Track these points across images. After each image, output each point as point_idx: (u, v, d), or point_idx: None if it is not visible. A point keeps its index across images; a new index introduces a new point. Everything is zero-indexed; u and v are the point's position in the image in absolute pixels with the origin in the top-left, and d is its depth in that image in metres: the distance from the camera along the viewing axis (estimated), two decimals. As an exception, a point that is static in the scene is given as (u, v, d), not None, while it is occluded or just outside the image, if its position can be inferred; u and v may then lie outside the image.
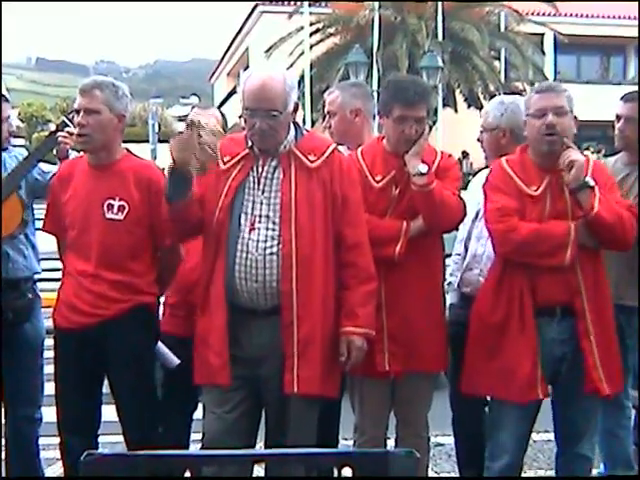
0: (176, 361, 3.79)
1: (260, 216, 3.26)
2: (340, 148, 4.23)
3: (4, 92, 4.03)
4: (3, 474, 4.10)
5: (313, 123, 23.41)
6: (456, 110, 25.21)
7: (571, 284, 3.41)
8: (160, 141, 21.55)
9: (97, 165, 3.66)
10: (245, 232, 3.25)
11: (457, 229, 3.94)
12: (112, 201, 3.59)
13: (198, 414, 3.84)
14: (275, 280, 3.21)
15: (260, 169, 3.30)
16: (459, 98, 25.36)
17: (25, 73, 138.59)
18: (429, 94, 3.80)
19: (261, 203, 3.27)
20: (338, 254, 3.32)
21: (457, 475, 4.31)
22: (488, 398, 3.83)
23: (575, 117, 3.50)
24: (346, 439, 4.20)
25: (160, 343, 3.77)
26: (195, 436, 4.05)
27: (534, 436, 3.86)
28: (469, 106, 25.36)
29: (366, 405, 3.74)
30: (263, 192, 3.28)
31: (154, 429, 3.74)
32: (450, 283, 4.09)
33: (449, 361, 3.78)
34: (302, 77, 23.61)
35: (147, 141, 23.06)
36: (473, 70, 23.86)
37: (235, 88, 37.69)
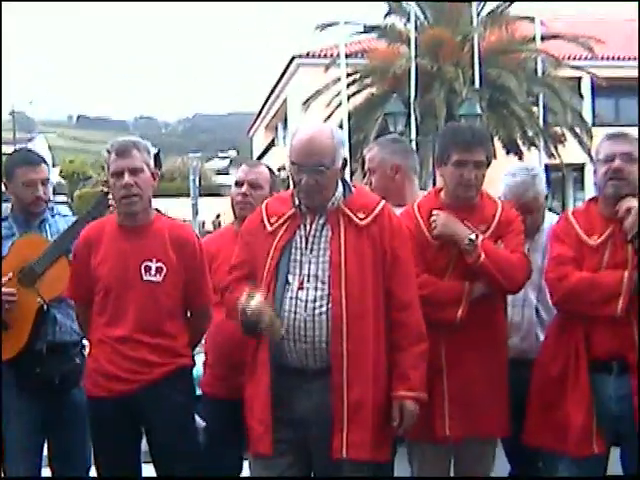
0: (201, 424, 3.73)
1: (308, 275, 3.20)
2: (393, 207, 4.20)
3: (46, 151, 4.05)
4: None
5: (352, 174, 23.45)
6: (495, 157, 25.03)
7: (625, 337, 3.31)
8: (200, 195, 21.68)
9: (131, 226, 3.59)
10: (293, 292, 3.18)
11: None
12: (149, 263, 3.54)
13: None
14: (325, 341, 3.15)
15: (308, 227, 3.25)
16: (497, 145, 25.24)
17: (66, 131, 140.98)
18: (487, 139, 3.73)
19: (309, 262, 3.21)
20: (388, 313, 3.23)
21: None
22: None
23: None
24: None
25: None
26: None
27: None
28: (508, 152, 25.21)
29: (425, 470, 3.64)
30: (311, 251, 3.22)
31: None
32: None
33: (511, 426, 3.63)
34: (341, 127, 23.74)
35: (187, 195, 23.22)
36: (511, 116, 23.72)
37: (273, 141, 38.06)
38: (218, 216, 39.69)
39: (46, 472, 4.00)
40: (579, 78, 28.65)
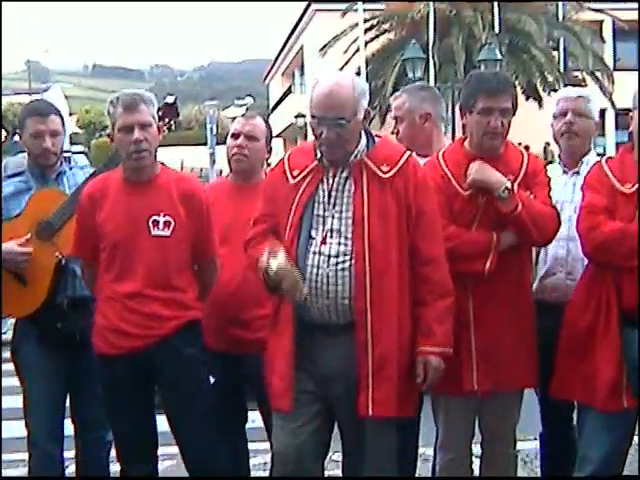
0: (210, 380, 3.73)
1: (332, 230, 3.14)
2: (418, 156, 4.10)
3: (62, 101, 3.96)
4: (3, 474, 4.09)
5: (370, 121, 23.26)
6: (515, 103, 24.78)
7: None
8: (218, 143, 21.61)
9: (137, 181, 3.53)
10: (317, 247, 3.13)
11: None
12: (157, 217, 3.49)
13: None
14: (347, 297, 3.10)
15: (330, 181, 3.18)
16: (517, 90, 24.97)
17: (82, 80, 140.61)
18: (512, 86, 3.61)
19: (332, 217, 3.15)
20: (413, 268, 3.17)
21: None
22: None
23: None
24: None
25: None
26: (252, 445, 4.05)
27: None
28: (527, 98, 24.95)
29: (451, 423, 3.59)
30: (334, 206, 3.16)
31: (216, 447, 3.63)
32: None
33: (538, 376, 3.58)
34: (358, 74, 23.51)
35: (204, 144, 23.17)
36: (531, 61, 23.49)
37: (290, 88, 37.79)
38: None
39: (68, 425, 3.98)
40: (601, 21, 28.21)
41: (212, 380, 3.74)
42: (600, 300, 3.35)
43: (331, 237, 3.13)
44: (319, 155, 3.19)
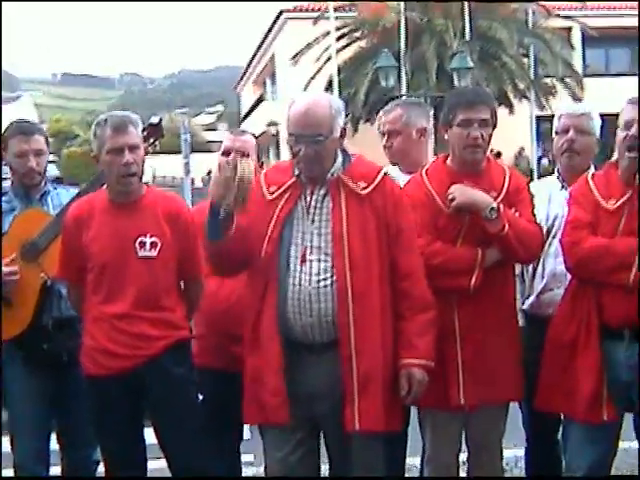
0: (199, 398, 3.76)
1: (311, 247, 3.16)
2: (392, 169, 4.12)
3: (33, 110, 3.94)
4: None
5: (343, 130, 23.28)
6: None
7: (635, 305, 3.26)
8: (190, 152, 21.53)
9: (124, 202, 3.53)
10: (297, 265, 3.15)
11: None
12: (144, 238, 3.49)
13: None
14: (330, 314, 3.12)
15: (308, 198, 3.21)
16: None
17: (51, 88, 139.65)
18: (491, 98, 3.65)
19: (311, 234, 3.17)
20: (392, 283, 3.21)
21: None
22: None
23: None
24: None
25: None
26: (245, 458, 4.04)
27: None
28: (499, 104, 25.11)
29: (438, 437, 3.62)
30: (313, 222, 3.18)
31: (206, 467, 3.62)
32: None
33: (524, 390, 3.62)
34: (330, 82, 23.56)
35: (176, 152, 23.13)
36: (502, 68, 23.65)
37: (262, 96, 37.76)
38: (209, 173, 39.58)
39: (55, 456, 3.98)
40: (569, 28, 28.46)
41: (200, 398, 3.74)
42: (582, 314, 3.39)
43: (311, 253, 3.15)
44: (297, 172, 3.21)
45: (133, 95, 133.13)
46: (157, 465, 3.78)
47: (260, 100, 37.32)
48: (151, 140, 3.77)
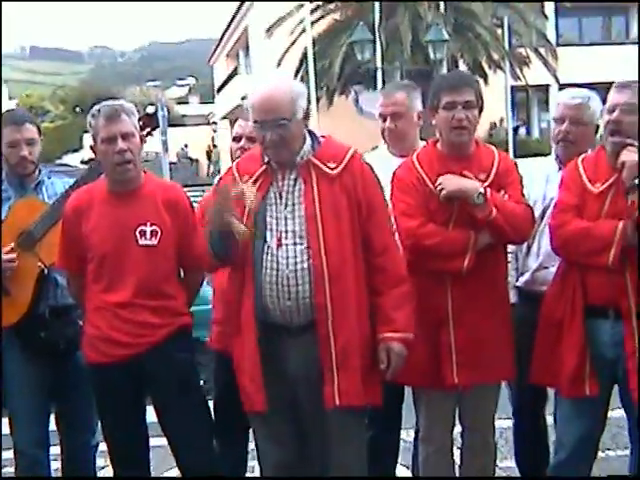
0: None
1: (286, 231, 3.22)
2: (383, 151, 4.17)
3: (2, 85, 3.93)
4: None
5: (318, 100, 23.26)
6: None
7: (619, 285, 3.37)
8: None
9: (122, 191, 3.55)
10: (273, 249, 3.20)
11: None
12: (144, 227, 3.52)
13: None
14: (308, 296, 3.18)
15: (280, 183, 3.26)
16: (462, 68, 25.15)
17: (20, 63, 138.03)
18: (475, 81, 3.70)
19: (286, 218, 3.23)
20: (367, 259, 3.27)
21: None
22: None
23: None
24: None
25: None
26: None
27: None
28: (473, 75, 25.17)
29: (433, 416, 3.71)
30: (286, 206, 3.24)
31: (210, 451, 3.69)
32: None
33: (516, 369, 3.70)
34: (304, 55, 23.46)
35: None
36: (476, 40, 23.59)
37: (236, 69, 37.49)
38: (185, 146, 39.39)
39: (53, 436, 4.02)
40: (542, -2, 28.51)
41: (202, 382, 3.78)
42: (568, 293, 3.48)
43: (286, 238, 3.21)
44: (266, 159, 3.26)
45: (104, 69, 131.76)
46: (159, 442, 3.81)
47: (234, 73, 37.06)
48: (147, 130, 3.78)
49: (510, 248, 3.95)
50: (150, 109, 3.86)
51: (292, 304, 3.18)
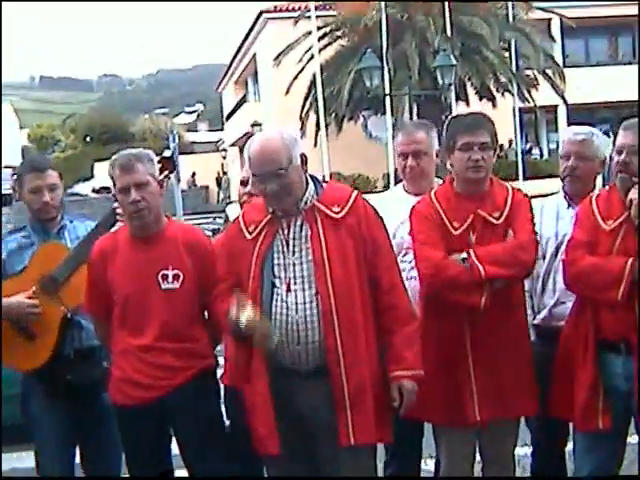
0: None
1: (295, 277, 3.26)
2: (399, 191, 4.21)
3: (13, 116, 4.01)
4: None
5: (327, 126, 23.36)
6: (468, 104, 25.11)
7: (628, 320, 3.41)
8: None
9: (144, 237, 3.62)
10: (282, 295, 3.25)
11: None
12: (166, 271, 3.58)
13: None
14: (317, 340, 3.23)
15: (286, 231, 3.30)
16: (470, 91, 25.26)
17: (29, 92, 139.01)
18: (490, 122, 3.73)
19: (293, 264, 3.27)
20: (375, 298, 3.31)
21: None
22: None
23: None
24: None
25: None
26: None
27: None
28: (481, 98, 25.25)
29: (453, 453, 3.74)
30: (294, 253, 3.28)
31: None
32: None
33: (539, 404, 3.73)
34: (314, 82, 23.59)
35: (162, 152, 23.07)
36: (484, 63, 23.67)
37: (245, 97, 37.72)
38: (193, 175, 39.57)
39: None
40: (549, 20, 28.62)
41: (227, 423, 3.82)
42: (582, 327, 3.54)
43: (295, 284, 3.25)
44: (270, 209, 3.31)
45: (113, 96, 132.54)
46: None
47: (243, 101, 37.30)
48: (165, 173, 3.85)
49: (526, 287, 3.96)
50: (167, 153, 3.93)
51: (301, 348, 3.23)
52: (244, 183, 4.06)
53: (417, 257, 3.59)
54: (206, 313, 3.72)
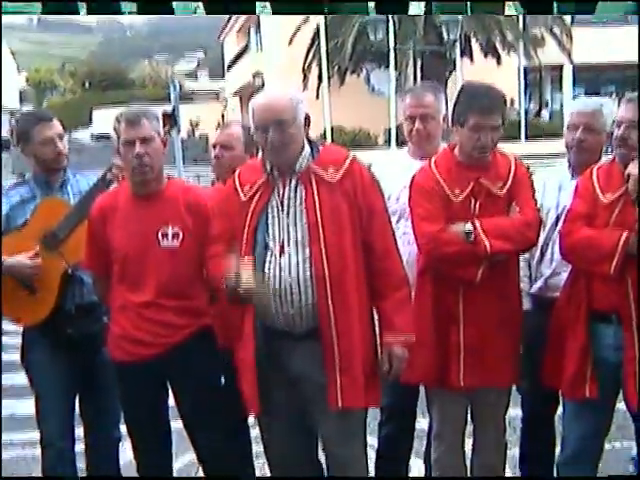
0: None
1: (289, 239, 3.24)
2: (403, 155, 4.16)
3: (9, 55, 3.96)
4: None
5: (329, 78, 23.21)
6: (472, 60, 24.93)
7: (620, 292, 3.42)
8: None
9: (145, 194, 3.61)
10: (275, 257, 3.24)
11: None
12: (166, 229, 3.58)
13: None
14: (311, 303, 3.22)
15: (281, 191, 3.28)
16: (475, 47, 25.05)
17: (28, 35, 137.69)
18: (504, 102, 3.69)
19: (287, 226, 3.25)
20: (369, 263, 3.31)
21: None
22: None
23: None
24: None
25: None
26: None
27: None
28: (486, 55, 25.07)
29: (445, 415, 3.78)
30: (288, 214, 3.26)
31: (224, 446, 3.77)
32: None
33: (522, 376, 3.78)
34: (317, 33, 23.39)
35: (160, 101, 22.92)
36: (490, 18, 23.46)
37: (247, 46, 37.36)
38: (193, 123, 39.32)
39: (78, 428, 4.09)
40: (557, -23, 28.27)
41: (222, 381, 3.83)
42: (575, 298, 3.56)
43: (288, 245, 3.23)
44: (268, 168, 3.28)
45: (113, 42, 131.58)
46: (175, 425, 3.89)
47: (245, 50, 36.98)
48: (166, 128, 3.81)
49: (523, 255, 3.95)
50: (168, 109, 3.88)
51: (295, 311, 3.22)
52: (214, 147, 4.05)
53: (416, 231, 3.59)
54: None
